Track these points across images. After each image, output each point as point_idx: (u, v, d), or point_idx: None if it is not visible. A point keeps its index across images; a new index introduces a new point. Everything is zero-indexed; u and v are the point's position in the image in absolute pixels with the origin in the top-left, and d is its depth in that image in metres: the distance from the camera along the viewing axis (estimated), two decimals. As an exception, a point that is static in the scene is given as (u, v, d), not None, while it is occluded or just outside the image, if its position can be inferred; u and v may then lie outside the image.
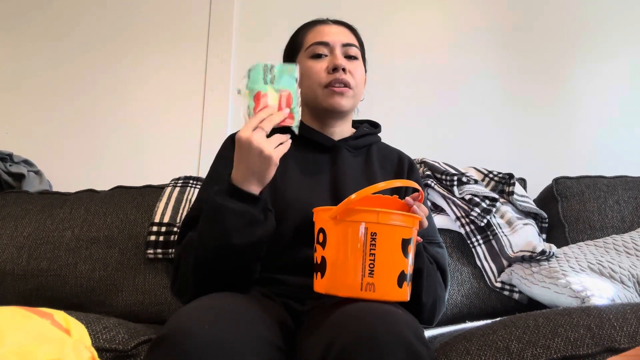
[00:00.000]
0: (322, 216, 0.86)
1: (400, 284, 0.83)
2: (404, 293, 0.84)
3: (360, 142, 1.21)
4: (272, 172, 0.96)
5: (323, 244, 0.85)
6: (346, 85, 1.12)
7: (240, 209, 0.93)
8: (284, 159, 1.09)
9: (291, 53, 1.20)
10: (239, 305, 0.85)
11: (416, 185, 0.93)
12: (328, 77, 1.12)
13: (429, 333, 1.13)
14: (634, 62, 2.05)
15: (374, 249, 0.81)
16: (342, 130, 1.20)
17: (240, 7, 2.18)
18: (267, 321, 0.85)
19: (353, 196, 0.82)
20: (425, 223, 0.93)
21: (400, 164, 1.23)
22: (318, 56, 1.14)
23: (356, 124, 1.27)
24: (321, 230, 0.86)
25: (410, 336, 0.72)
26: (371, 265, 0.81)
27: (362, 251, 0.81)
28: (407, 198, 0.96)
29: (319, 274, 0.86)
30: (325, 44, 1.14)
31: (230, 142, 1.16)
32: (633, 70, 2.04)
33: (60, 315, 0.72)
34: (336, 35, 1.16)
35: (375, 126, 1.29)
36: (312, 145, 1.16)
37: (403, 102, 2.08)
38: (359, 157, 1.20)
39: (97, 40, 2.21)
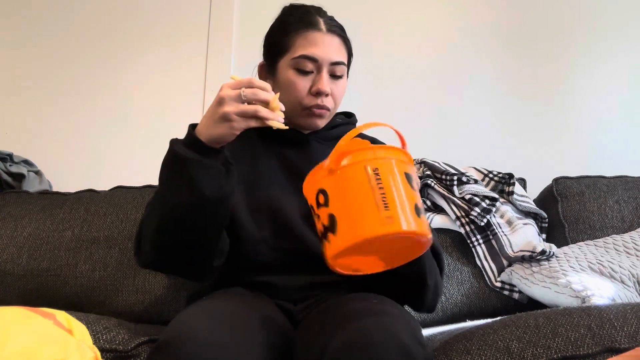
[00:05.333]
0: (317, 177, 0.80)
1: (419, 215, 0.76)
2: (425, 224, 0.77)
3: (331, 133, 1.18)
4: (222, 129, 0.89)
5: (326, 203, 0.78)
6: (326, 109, 1.10)
7: (201, 160, 0.89)
8: (253, 157, 1.11)
9: (273, 52, 1.14)
10: (237, 308, 0.85)
11: (393, 128, 0.87)
12: (310, 100, 1.09)
13: (428, 332, 1.13)
14: (634, 62, 2.05)
15: (381, 183, 0.75)
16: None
17: (240, 7, 2.18)
18: (265, 323, 0.85)
19: (341, 142, 0.78)
20: None
21: None
22: (304, 72, 1.09)
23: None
24: (320, 191, 0.80)
25: (406, 336, 0.72)
26: (384, 199, 0.74)
27: (370, 188, 0.75)
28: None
29: (329, 235, 0.77)
30: (314, 60, 1.08)
31: None
32: (633, 70, 2.05)
33: (62, 315, 0.72)
34: (326, 50, 1.09)
35: (349, 117, 1.26)
36: (281, 140, 1.14)
37: (402, 102, 2.08)
38: (330, 149, 1.18)
39: (97, 40, 2.20)
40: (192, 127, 0.94)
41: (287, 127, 0.92)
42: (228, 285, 1.03)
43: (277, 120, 0.90)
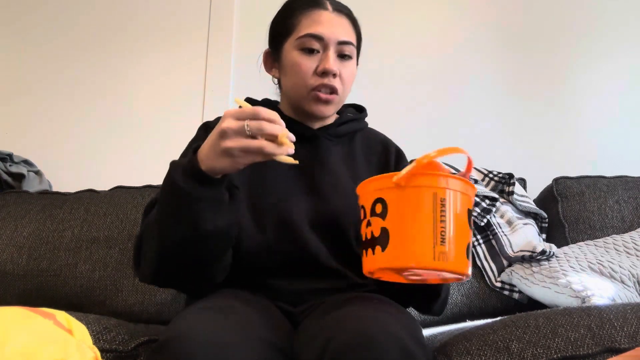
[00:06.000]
0: (381, 185, 0.78)
1: (468, 255, 0.76)
2: (469, 265, 0.77)
3: (342, 129, 1.13)
4: (224, 163, 0.82)
5: (383, 215, 0.76)
6: (333, 91, 1.04)
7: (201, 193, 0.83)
8: None
9: (278, 36, 1.09)
10: (237, 308, 0.85)
11: (468, 155, 0.86)
12: (315, 80, 1.03)
13: (428, 332, 1.13)
14: (634, 62, 2.05)
15: (444, 216, 0.74)
16: (323, 119, 1.13)
17: (240, 7, 2.18)
18: (265, 323, 0.85)
19: (418, 160, 0.75)
20: None
21: (385, 154, 1.15)
22: (309, 51, 1.03)
23: (341, 107, 1.18)
24: (379, 200, 0.77)
25: (406, 337, 0.72)
26: (443, 233, 0.73)
27: (432, 218, 0.73)
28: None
29: (377, 248, 0.76)
30: (319, 38, 1.02)
31: (204, 130, 1.12)
32: (633, 70, 2.05)
33: (62, 315, 0.72)
34: (333, 29, 1.03)
35: (360, 110, 1.21)
36: None
37: (403, 102, 2.08)
38: (340, 146, 1.13)
39: (97, 40, 2.20)
40: (194, 150, 0.86)
41: (297, 162, 0.83)
42: (229, 286, 1.02)
43: (284, 154, 0.82)
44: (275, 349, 0.80)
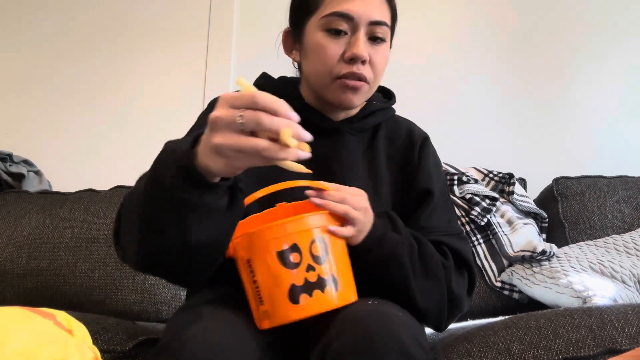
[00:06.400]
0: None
1: (294, 299, 0.71)
2: (307, 306, 0.72)
3: (367, 122, 1.01)
4: (218, 164, 0.65)
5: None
6: (362, 79, 0.90)
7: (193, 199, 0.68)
8: None
9: (300, 12, 0.94)
10: (237, 309, 0.85)
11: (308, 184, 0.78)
12: (342, 68, 0.89)
13: (429, 332, 1.13)
14: (634, 62, 2.05)
15: (254, 275, 0.73)
16: (348, 110, 0.99)
17: (240, 7, 2.18)
18: None
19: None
20: (341, 210, 0.77)
21: (410, 146, 1.02)
22: (336, 32, 0.89)
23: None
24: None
25: (407, 339, 0.71)
26: (258, 293, 0.73)
27: (249, 281, 0.74)
28: (310, 196, 0.78)
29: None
30: (348, 17, 0.88)
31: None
32: (633, 70, 2.05)
33: (62, 315, 0.72)
34: (365, 7, 0.88)
35: (389, 97, 1.08)
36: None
37: (402, 102, 2.07)
38: (362, 143, 1.00)
39: (97, 39, 2.20)
40: (195, 139, 0.69)
41: (309, 171, 0.69)
42: (228, 281, 1.00)
43: (291, 159, 0.63)
44: (275, 350, 0.79)
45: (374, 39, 0.92)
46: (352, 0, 0.88)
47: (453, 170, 1.63)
